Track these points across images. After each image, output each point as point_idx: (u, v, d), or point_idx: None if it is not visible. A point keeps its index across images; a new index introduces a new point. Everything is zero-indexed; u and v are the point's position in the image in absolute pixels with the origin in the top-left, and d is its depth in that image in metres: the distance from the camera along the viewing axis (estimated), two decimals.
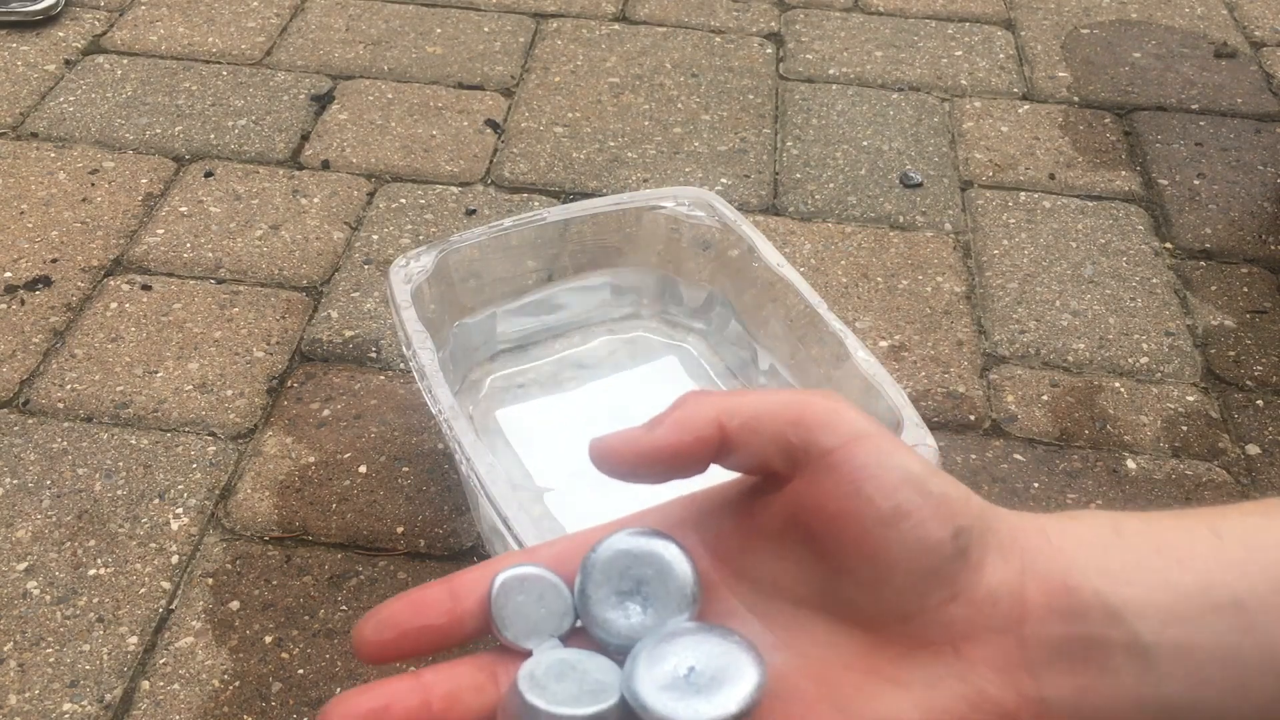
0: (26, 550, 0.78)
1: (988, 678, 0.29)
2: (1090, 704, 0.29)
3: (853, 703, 0.30)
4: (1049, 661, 0.29)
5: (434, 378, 0.69)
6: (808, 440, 0.31)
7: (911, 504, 0.30)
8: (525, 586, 0.32)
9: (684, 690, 0.29)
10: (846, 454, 0.30)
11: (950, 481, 0.31)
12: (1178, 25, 1.41)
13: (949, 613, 0.30)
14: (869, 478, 0.30)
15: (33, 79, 1.23)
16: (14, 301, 0.97)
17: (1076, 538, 0.30)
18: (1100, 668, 0.29)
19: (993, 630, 0.30)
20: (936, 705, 0.29)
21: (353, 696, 0.30)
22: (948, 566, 0.30)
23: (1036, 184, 1.15)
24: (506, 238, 0.83)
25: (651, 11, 1.39)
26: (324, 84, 1.24)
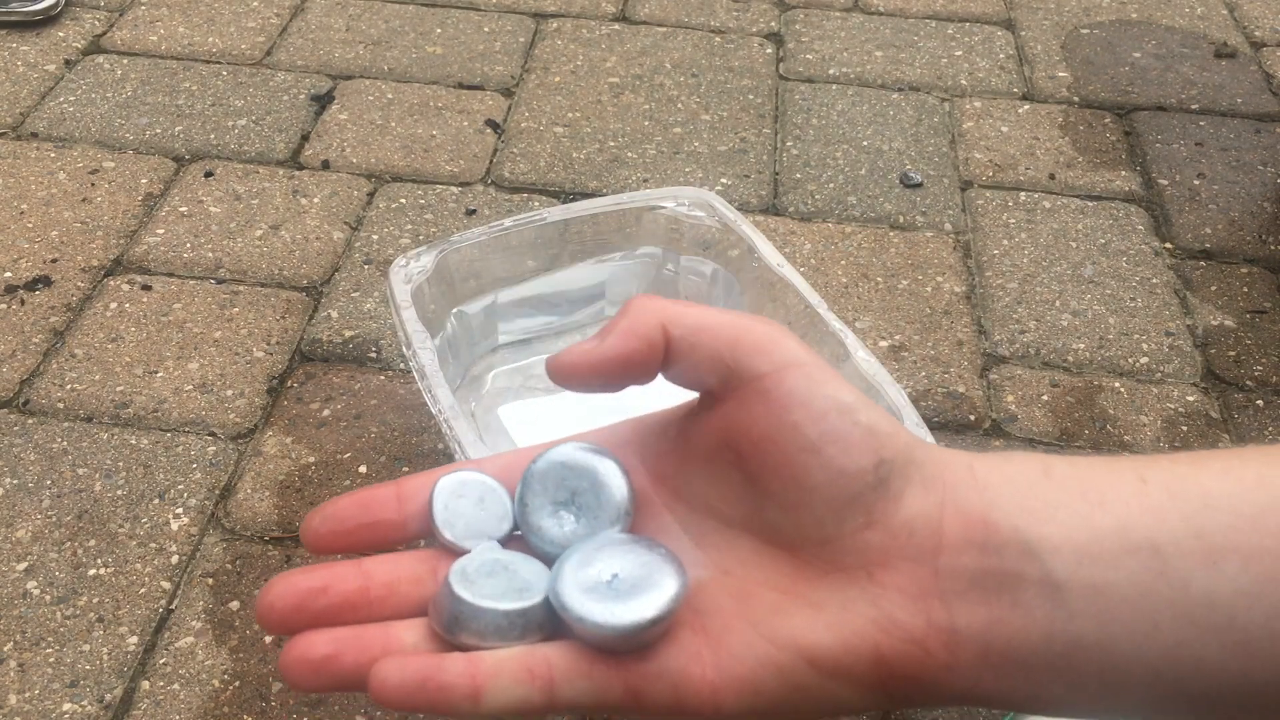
0: (26, 550, 0.78)
1: (898, 603, 0.30)
2: (1000, 636, 0.29)
3: (768, 620, 0.31)
4: (961, 592, 0.30)
5: (434, 378, 0.69)
6: (742, 363, 0.31)
7: (836, 432, 0.30)
8: (465, 489, 0.34)
9: (604, 594, 0.30)
10: (777, 380, 0.31)
11: (881, 414, 0.31)
12: (1178, 25, 1.41)
13: (865, 539, 0.30)
14: (797, 404, 0.31)
15: (33, 79, 1.23)
16: (14, 301, 0.97)
17: (1003, 475, 0.31)
18: (1012, 601, 0.29)
19: (907, 558, 0.30)
20: (847, 627, 0.30)
21: (295, 575, 0.31)
22: (867, 494, 0.30)
23: (1036, 184, 1.15)
24: (506, 238, 0.83)
25: (651, 11, 1.39)
26: (324, 84, 1.24)
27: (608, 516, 0.32)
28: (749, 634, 0.30)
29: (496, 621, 0.30)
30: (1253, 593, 0.28)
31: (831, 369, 0.31)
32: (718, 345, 0.32)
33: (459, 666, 0.29)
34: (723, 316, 0.32)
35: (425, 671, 0.29)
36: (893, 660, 0.30)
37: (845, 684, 0.30)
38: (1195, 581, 0.29)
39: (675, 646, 0.30)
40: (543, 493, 0.33)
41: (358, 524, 0.33)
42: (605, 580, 0.30)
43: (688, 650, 0.30)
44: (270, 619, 0.31)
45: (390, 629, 0.31)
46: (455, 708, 0.29)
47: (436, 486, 0.33)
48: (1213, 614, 0.28)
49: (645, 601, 0.29)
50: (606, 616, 0.29)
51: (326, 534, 0.33)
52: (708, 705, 0.30)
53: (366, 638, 0.30)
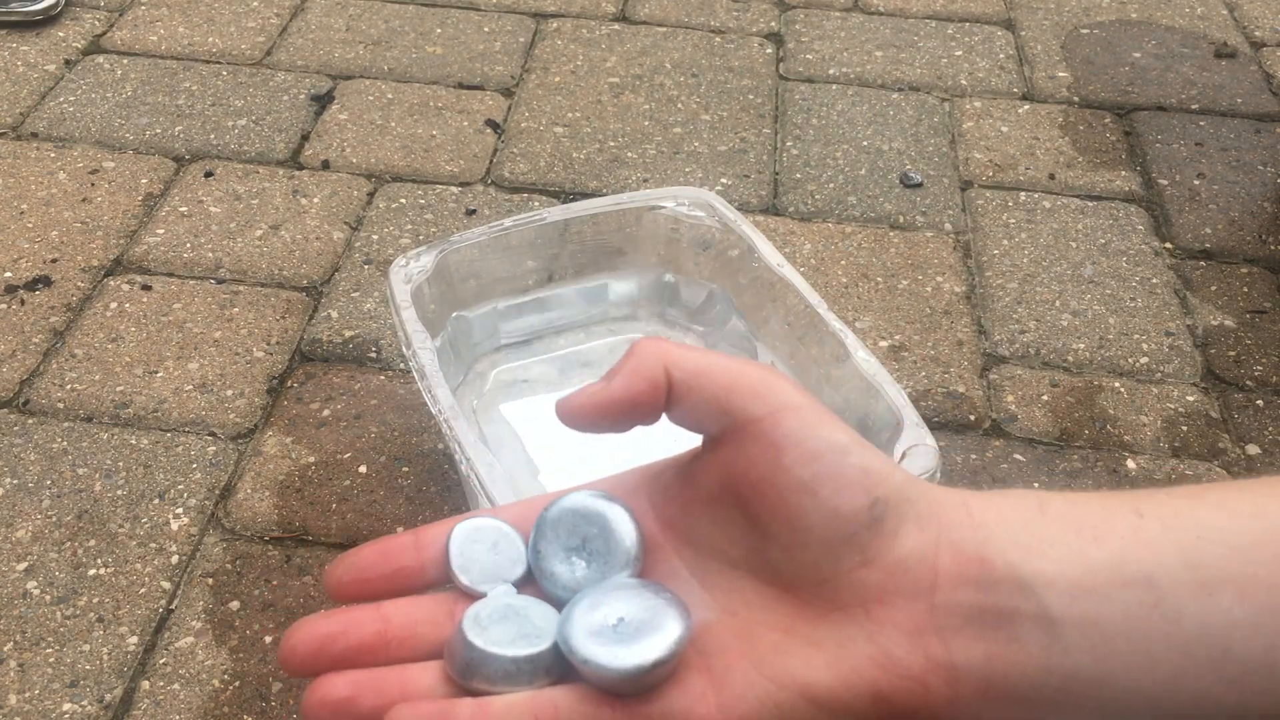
0: (26, 550, 0.78)
1: (896, 640, 0.30)
2: (998, 671, 0.30)
3: (769, 660, 0.31)
4: (958, 628, 0.30)
5: (434, 378, 0.69)
6: (738, 407, 0.32)
7: (829, 474, 0.31)
8: (480, 535, 0.35)
9: (610, 638, 0.31)
10: (772, 423, 0.31)
11: (874, 454, 0.32)
12: (1178, 25, 1.41)
13: (861, 577, 0.31)
14: (791, 446, 0.31)
15: (33, 79, 1.23)
16: (14, 301, 0.97)
17: (999, 512, 0.31)
18: (1008, 637, 0.30)
19: (903, 595, 0.30)
20: (845, 664, 0.30)
21: (314, 620, 0.32)
22: (862, 534, 0.31)
23: (1036, 184, 1.15)
24: (506, 238, 0.83)
25: (651, 11, 1.39)
26: (324, 84, 1.24)
27: (618, 561, 0.34)
28: (751, 674, 0.31)
29: (506, 667, 0.31)
30: (1248, 624, 0.29)
31: (827, 411, 0.32)
32: (715, 389, 0.32)
33: (468, 712, 0.30)
34: (720, 361, 0.33)
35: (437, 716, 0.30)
36: (892, 697, 0.30)
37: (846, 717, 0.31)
38: (1189, 613, 0.29)
39: (680, 688, 0.31)
40: (555, 539, 0.34)
41: (378, 573, 0.34)
42: (611, 624, 0.31)
43: (692, 691, 0.31)
44: (292, 662, 0.32)
45: (407, 672, 0.32)
46: None
47: (453, 533, 0.35)
48: (1208, 646, 0.29)
49: (649, 644, 0.30)
50: (611, 659, 0.30)
51: (350, 583, 0.34)
52: None
53: (384, 681, 0.31)
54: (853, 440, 0.32)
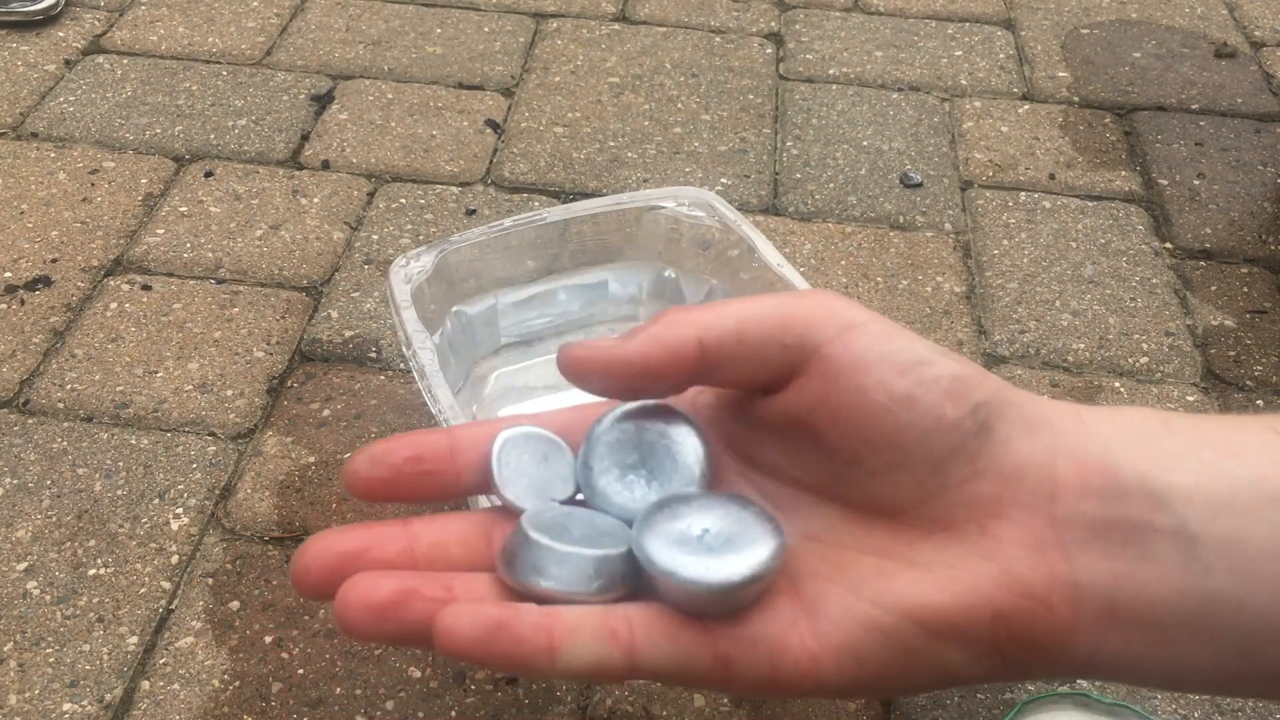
0: (26, 550, 0.78)
1: (1016, 556, 0.27)
2: (1127, 591, 0.27)
3: (869, 583, 0.28)
4: (1083, 543, 0.27)
5: (434, 378, 0.69)
6: (799, 340, 0.29)
7: (920, 386, 0.28)
8: (529, 445, 0.31)
9: (696, 549, 0.27)
10: (843, 345, 0.28)
11: (962, 361, 0.29)
12: (1178, 25, 1.41)
13: (973, 491, 0.28)
14: (870, 365, 0.28)
15: (33, 79, 1.23)
16: (14, 301, 0.97)
17: (1116, 425, 0.28)
18: (1140, 554, 0.27)
19: (1020, 507, 0.28)
20: (961, 584, 0.27)
21: (333, 535, 0.28)
22: (969, 443, 0.28)
23: (1036, 184, 1.15)
24: (506, 238, 0.82)
25: (651, 11, 1.39)
26: (324, 84, 1.24)
27: (682, 480, 0.30)
28: (848, 598, 0.28)
29: (581, 568, 0.27)
30: None
31: (896, 324, 0.29)
32: (768, 330, 0.29)
33: (535, 618, 0.26)
34: (765, 301, 0.30)
35: (500, 619, 0.26)
36: (1013, 619, 0.27)
37: (959, 648, 0.27)
38: None
39: (770, 612, 0.28)
40: (609, 454, 0.30)
41: (411, 471, 0.30)
42: (696, 535, 0.28)
43: (782, 617, 0.28)
44: (305, 582, 0.28)
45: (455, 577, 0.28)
46: (529, 663, 0.26)
47: (499, 441, 0.30)
48: None
49: (742, 558, 0.27)
50: (700, 572, 0.26)
51: (376, 480, 0.30)
52: (807, 677, 0.28)
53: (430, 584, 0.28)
54: (933, 348, 0.29)
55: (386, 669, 0.73)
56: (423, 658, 0.73)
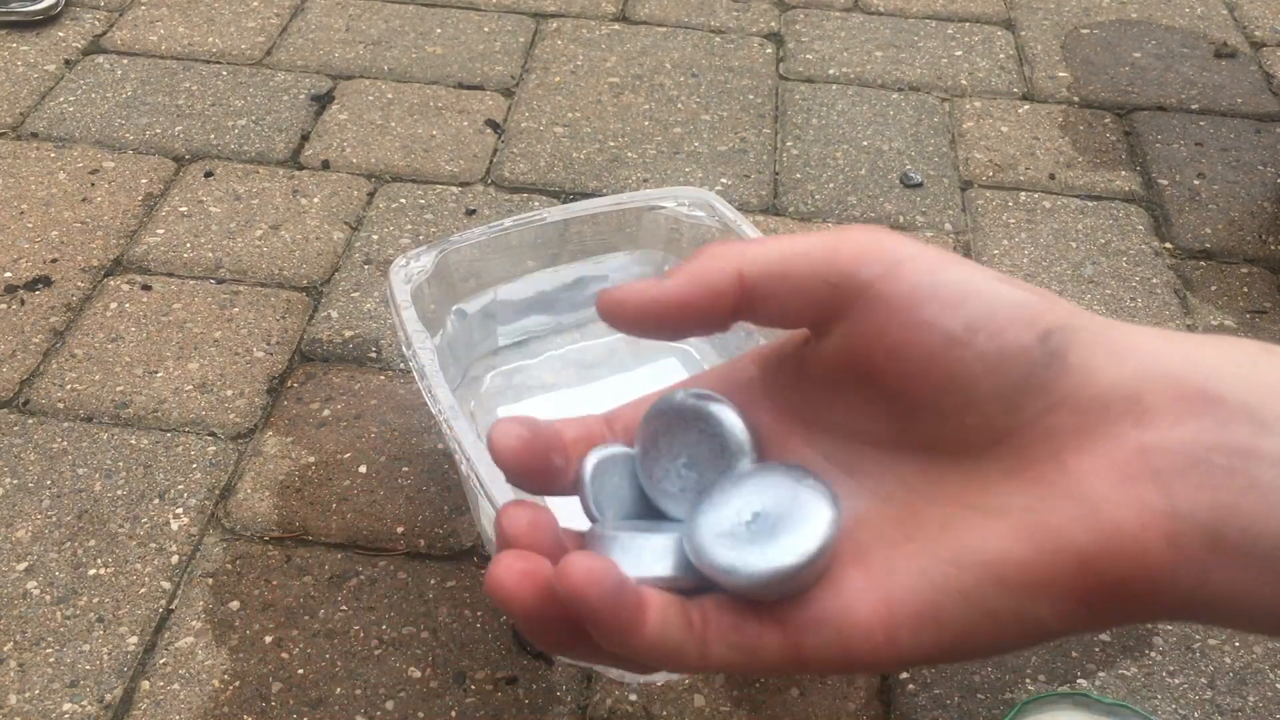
0: (26, 550, 0.78)
1: (1102, 492, 0.25)
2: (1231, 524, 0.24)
3: (942, 539, 0.26)
4: (1180, 471, 0.24)
5: (434, 378, 0.69)
6: (846, 276, 0.27)
7: (980, 316, 0.26)
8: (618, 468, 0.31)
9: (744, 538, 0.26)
10: (893, 280, 0.27)
11: (1028, 287, 0.27)
12: (1178, 25, 1.41)
13: (1049, 423, 0.26)
14: (925, 299, 0.26)
15: (33, 79, 1.23)
16: (14, 301, 0.97)
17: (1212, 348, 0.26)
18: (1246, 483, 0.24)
19: (1105, 437, 0.25)
20: (1041, 531, 0.25)
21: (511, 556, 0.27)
22: (1040, 373, 0.26)
23: (1036, 184, 1.15)
24: (506, 238, 0.82)
25: (651, 11, 1.39)
26: (324, 84, 1.24)
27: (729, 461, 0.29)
28: (922, 559, 0.26)
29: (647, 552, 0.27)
30: None
31: (950, 253, 0.27)
32: (813, 266, 0.27)
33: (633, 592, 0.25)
34: (809, 238, 0.28)
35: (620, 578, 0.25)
36: (1102, 564, 0.24)
37: (1043, 601, 0.25)
38: None
39: (834, 588, 0.26)
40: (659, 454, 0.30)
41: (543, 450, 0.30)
42: (745, 521, 0.27)
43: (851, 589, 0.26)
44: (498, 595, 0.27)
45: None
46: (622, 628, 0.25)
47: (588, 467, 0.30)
48: None
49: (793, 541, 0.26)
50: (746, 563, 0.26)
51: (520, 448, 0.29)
52: (882, 649, 0.26)
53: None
54: (996, 276, 0.27)
55: (386, 669, 0.73)
56: (423, 658, 0.73)
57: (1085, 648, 0.76)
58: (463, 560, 0.79)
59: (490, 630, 0.75)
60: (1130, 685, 0.74)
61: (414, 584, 0.77)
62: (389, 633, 0.74)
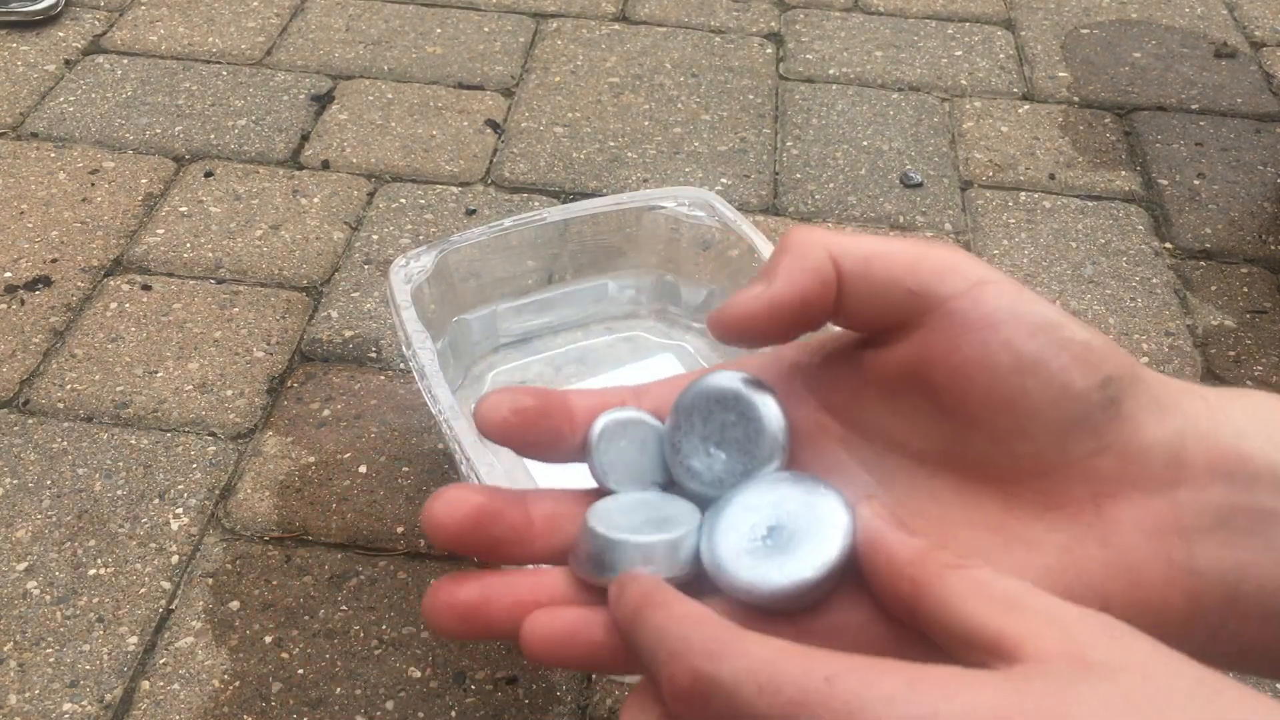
0: (26, 550, 0.78)
1: (1133, 543, 0.26)
2: (1252, 580, 0.26)
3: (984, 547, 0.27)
4: (1208, 530, 0.26)
5: (434, 378, 0.69)
6: (928, 286, 0.27)
7: (1049, 350, 0.26)
8: (627, 431, 0.31)
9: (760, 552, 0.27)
10: (972, 300, 0.27)
11: (1093, 330, 0.27)
12: (1178, 25, 1.41)
13: (1094, 466, 0.27)
14: (1000, 323, 0.27)
15: (33, 79, 1.23)
16: (14, 301, 0.97)
17: (1245, 408, 0.27)
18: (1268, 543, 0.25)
19: (1142, 489, 0.26)
20: (1071, 572, 0.26)
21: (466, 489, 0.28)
22: (1095, 416, 0.26)
23: (1036, 184, 1.15)
24: (506, 238, 0.82)
25: (651, 11, 1.39)
26: (324, 84, 1.24)
27: (761, 453, 0.29)
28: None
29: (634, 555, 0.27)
30: None
31: (1027, 288, 0.28)
32: (895, 271, 0.28)
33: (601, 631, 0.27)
34: (896, 242, 0.28)
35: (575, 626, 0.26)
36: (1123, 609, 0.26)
37: None
38: None
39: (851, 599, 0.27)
40: (691, 429, 0.30)
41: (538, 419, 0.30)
42: (762, 534, 0.27)
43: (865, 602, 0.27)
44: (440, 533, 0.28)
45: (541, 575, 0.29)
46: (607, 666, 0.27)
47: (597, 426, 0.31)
48: None
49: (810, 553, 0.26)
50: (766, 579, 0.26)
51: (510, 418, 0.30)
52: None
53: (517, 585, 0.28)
54: (1063, 315, 0.27)
55: (386, 669, 0.73)
56: (423, 658, 0.73)
57: None
58: (463, 561, 0.79)
59: None
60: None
61: (414, 584, 0.77)
62: (389, 633, 0.74)
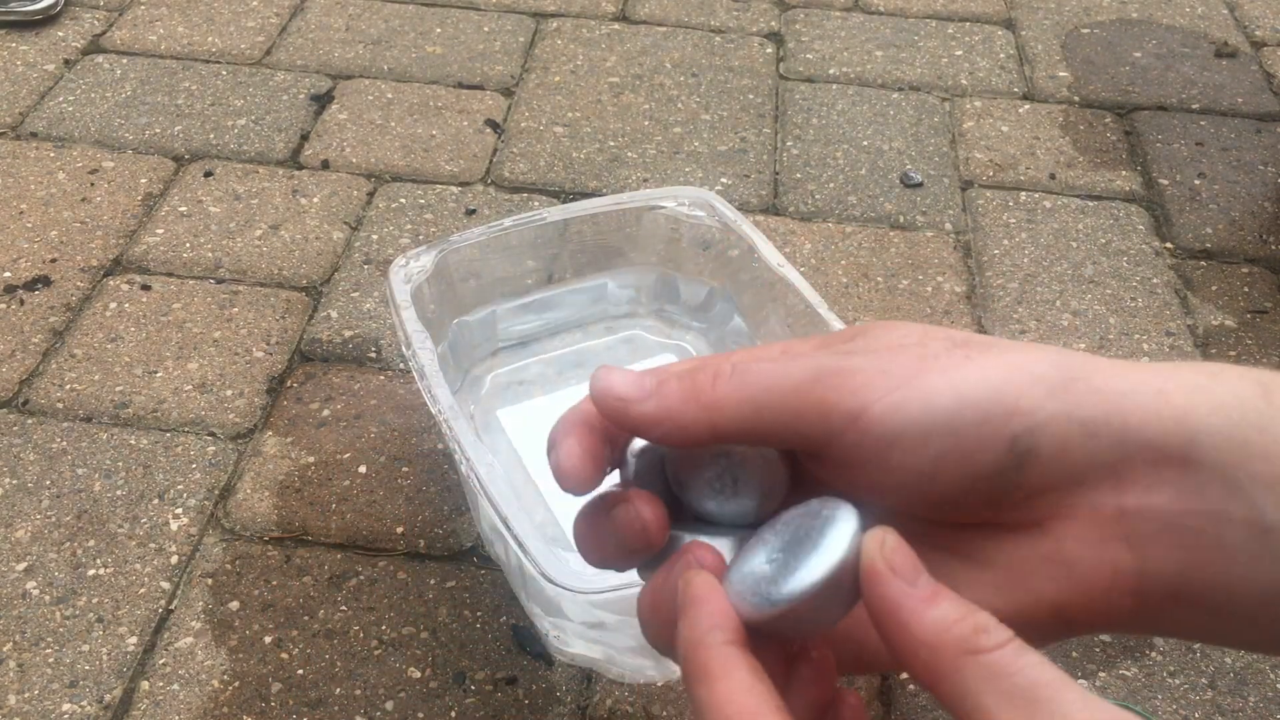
0: (26, 550, 0.78)
1: (1077, 555, 0.27)
2: (1194, 580, 0.26)
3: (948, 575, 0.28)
4: (1152, 535, 0.27)
5: (434, 378, 0.69)
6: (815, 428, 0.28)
7: (947, 447, 0.27)
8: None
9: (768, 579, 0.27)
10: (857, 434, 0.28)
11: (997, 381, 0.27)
12: (1178, 25, 1.41)
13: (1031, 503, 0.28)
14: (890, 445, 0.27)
15: (32, 79, 1.23)
16: (13, 301, 0.97)
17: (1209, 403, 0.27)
18: (1215, 544, 0.26)
19: (1084, 507, 0.27)
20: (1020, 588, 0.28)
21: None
22: (1013, 475, 0.27)
23: (1037, 184, 1.15)
24: (506, 238, 0.82)
25: (651, 11, 1.39)
26: (324, 84, 1.24)
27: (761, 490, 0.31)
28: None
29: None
30: None
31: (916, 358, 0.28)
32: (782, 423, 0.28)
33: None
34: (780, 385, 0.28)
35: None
36: (1072, 614, 0.28)
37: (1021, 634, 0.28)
38: None
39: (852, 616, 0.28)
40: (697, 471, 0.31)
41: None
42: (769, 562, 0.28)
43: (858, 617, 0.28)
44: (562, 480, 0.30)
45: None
46: None
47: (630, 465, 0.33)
48: None
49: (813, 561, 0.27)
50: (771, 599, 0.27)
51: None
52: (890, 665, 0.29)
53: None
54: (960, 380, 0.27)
55: (386, 669, 0.73)
56: (423, 658, 0.73)
57: (1085, 648, 0.76)
58: (462, 560, 0.79)
59: (490, 630, 0.75)
60: (1130, 685, 0.74)
61: (414, 584, 0.77)
62: (389, 633, 0.74)
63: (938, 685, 0.25)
